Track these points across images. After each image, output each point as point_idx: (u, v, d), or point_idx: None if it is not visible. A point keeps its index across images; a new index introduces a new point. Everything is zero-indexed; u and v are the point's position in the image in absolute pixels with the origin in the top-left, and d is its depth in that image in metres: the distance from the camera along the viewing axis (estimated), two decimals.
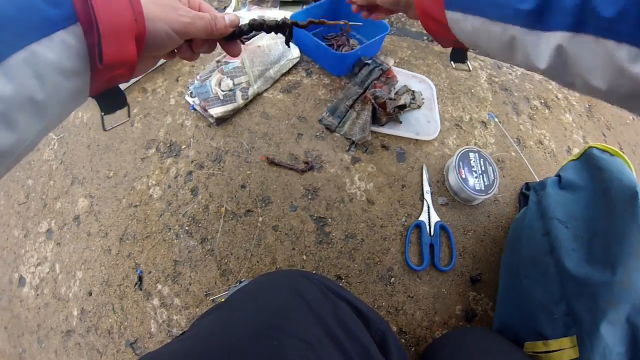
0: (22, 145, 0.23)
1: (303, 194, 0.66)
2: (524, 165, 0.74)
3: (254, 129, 0.72)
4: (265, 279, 0.42)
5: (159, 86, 0.79)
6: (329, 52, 0.74)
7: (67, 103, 0.26)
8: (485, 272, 0.63)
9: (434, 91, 0.80)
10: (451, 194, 0.69)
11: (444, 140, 0.75)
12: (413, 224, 0.64)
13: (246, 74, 0.72)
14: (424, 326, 0.59)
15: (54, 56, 0.23)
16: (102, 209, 0.68)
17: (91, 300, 0.63)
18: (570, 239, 0.49)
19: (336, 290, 0.40)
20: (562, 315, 0.45)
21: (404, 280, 0.61)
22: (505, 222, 0.68)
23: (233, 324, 0.33)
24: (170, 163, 0.70)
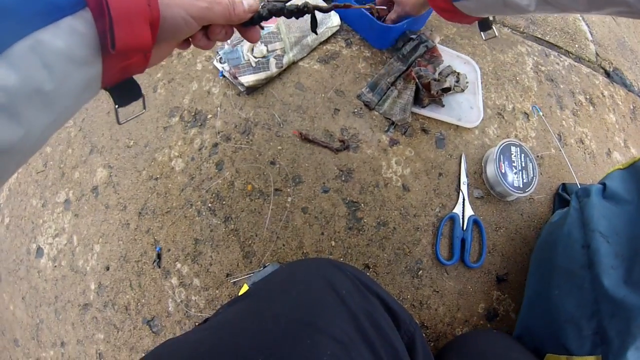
0: (31, 141, 0.22)
1: (337, 174, 0.61)
2: (563, 164, 0.70)
3: (287, 100, 0.66)
4: (296, 268, 0.41)
5: None
6: (374, 22, 0.67)
7: (79, 95, 0.24)
8: (512, 272, 0.61)
9: (478, 75, 0.74)
10: (487, 186, 0.65)
11: (484, 129, 0.70)
12: (447, 216, 0.61)
13: (281, 40, 0.65)
14: (445, 322, 0.57)
15: (63, 44, 0.21)
16: (121, 180, 0.64)
17: (109, 275, 0.60)
18: (611, 255, 0.48)
19: (369, 285, 0.39)
20: (591, 332, 0.45)
21: (431, 273, 0.59)
22: (537, 222, 0.65)
23: (264, 317, 0.32)
24: (194, 133, 0.65)
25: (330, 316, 0.32)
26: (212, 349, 0.28)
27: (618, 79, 0.90)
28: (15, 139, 0.21)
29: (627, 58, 0.95)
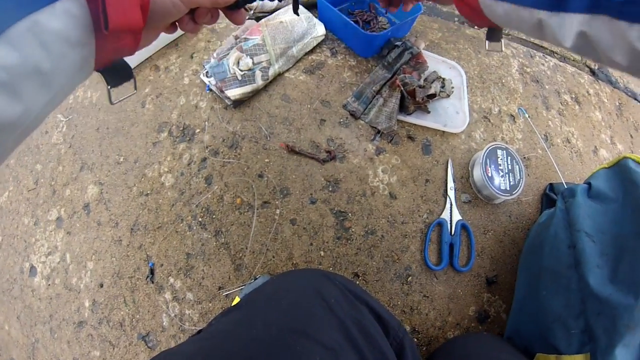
0: (29, 118, 0.23)
1: (324, 185, 0.61)
2: (550, 164, 0.70)
3: (273, 112, 0.66)
4: (286, 278, 0.42)
5: (172, 63, 0.74)
6: (358, 31, 0.67)
7: (73, 74, 0.25)
8: (502, 274, 0.62)
9: (464, 79, 0.75)
10: (474, 190, 0.66)
11: (471, 133, 0.70)
12: (435, 222, 0.62)
13: (267, 52, 0.66)
14: (437, 326, 0.58)
15: (58, 25, 0.22)
16: (112, 197, 0.64)
17: (102, 292, 0.61)
18: (596, 254, 0.48)
19: (357, 294, 0.40)
20: (579, 331, 0.45)
21: (421, 279, 0.59)
22: (526, 223, 0.65)
23: (255, 325, 0.33)
24: (183, 148, 0.65)
25: (319, 324, 0.33)
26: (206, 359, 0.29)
27: (603, 77, 0.90)
28: (15, 115, 0.22)
29: None
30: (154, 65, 0.74)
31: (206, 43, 0.76)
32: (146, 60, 0.74)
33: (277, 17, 0.69)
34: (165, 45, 0.75)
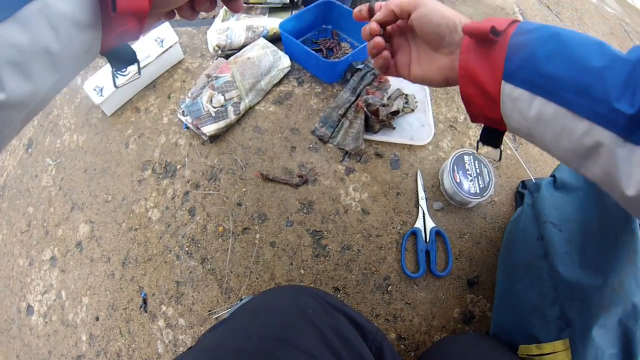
0: (37, 98, 0.24)
1: (298, 208, 0.66)
2: (520, 163, 0.73)
3: (247, 144, 0.72)
4: (267, 295, 0.43)
5: (152, 104, 0.79)
6: (319, 60, 0.73)
7: (80, 57, 0.26)
8: (483, 274, 0.63)
9: (427, 93, 0.79)
10: (446, 197, 0.68)
11: (438, 143, 0.74)
12: (408, 232, 0.64)
13: (237, 88, 0.71)
14: (422, 331, 0.59)
15: (68, 7, 0.23)
16: (103, 234, 0.69)
17: (99, 325, 0.64)
18: (564, 242, 0.49)
19: (335, 304, 0.41)
20: (555, 318, 0.45)
21: (400, 287, 0.61)
22: (502, 222, 0.67)
23: (238, 336, 0.34)
24: (166, 184, 0.70)
25: (298, 332, 0.34)
26: None
27: None
28: (25, 94, 0.22)
29: None
30: (134, 107, 0.79)
31: (181, 83, 0.82)
32: (127, 102, 0.80)
33: (244, 54, 0.75)
34: (144, 88, 0.80)
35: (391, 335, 0.59)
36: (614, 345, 0.40)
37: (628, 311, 0.40)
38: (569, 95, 0.24)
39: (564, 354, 0.43)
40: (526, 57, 0.27)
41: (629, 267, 0.40)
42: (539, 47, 0.26)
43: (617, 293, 0.40)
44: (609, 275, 0.41)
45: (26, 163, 0.80)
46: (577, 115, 0.24)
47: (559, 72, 0.25)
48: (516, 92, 0.27)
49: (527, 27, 0.28)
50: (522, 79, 0.27)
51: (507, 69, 0.27)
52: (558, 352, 0.43)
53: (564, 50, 0.25)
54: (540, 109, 0.26)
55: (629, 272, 0.40)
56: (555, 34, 0.26)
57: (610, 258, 0.42)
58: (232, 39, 0.78)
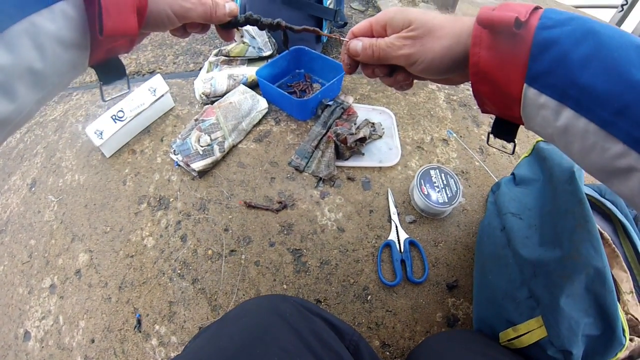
0: (20, 115, 0.24)
1: (279, 230, 0.75)
2: (488, 173, 0.79)
3: (231, 177, 0.82)
4: (247, 302, 0.45)
5: (146, 147, 0.89)
6: (292, 100, 0.84)
7: (66, 73, 0.26)
8: (462, 278, 0.66)
9: (393, 120, 0.87)
10: (418, 211, 0.73)
11: (407, 163, 0.81)
12: (383, 244, 0.69)
13: (221, 129, 0.83)
14: (406, 337, 0.62)
15: (54, 27, 0.22)
16: (101, 261, 0.75)
17: (94, 347, 0.67)
18: (524, 228, 0.52)
19: (311, 309, 0.43)
20: (524, 299, 0.46)
21: (380, 296, 0.65)
22: (475, 228, 0.72)
23: (221, 339, 0.36)
24: (160, 215, 0.79)
25: (275, 332, 0.36)
26: None
27: None
28: (7, 113, 0.22)
29: None
30: (131, 149, 0.89)
31: (172, 127, 0.92)
32: (124, 145, 0.89)
33: (227, 99, 0.87)
34: (139, 132, 0.91)
35: (375, 342, 0.62)
36: (587, 315, 0.39)
37: (592, 276, 0.38)
38: (605, 113, 0.21)
39: (540, 330, 0.43)
40: (556, 58, 0.22)
41: (582, 234, 0.41)
42: (572, 48, 0.22)
43: (576, 260, 0.39)
44: (565, 245, 0.42)
45: (29, 200, 0.86)
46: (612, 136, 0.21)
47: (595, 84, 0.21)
48: (542, 99, 0.24)
49: (555, 16, 0.24)
50: (550, 85, 0.23)
51: (531, 70, 0.24)
52: (533, 330, 0.44)
53: (602, 54, 0.21)
54: (569, 121, 0.23)
55: (584, 239, 0.40)
56: (591, 31, 0.22)
57: (565, 230, 0.43)
58: (216, 87, 0.91)
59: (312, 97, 0.84)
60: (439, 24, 0.29)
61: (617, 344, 0.38)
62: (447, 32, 0.29)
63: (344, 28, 1.10)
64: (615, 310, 0.38)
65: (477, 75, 0.27)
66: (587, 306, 0.39)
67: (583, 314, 0.39)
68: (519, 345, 0.46)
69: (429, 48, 0.30)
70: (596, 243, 0.39)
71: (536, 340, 0.43)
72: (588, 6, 2.19)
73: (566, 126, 0.23)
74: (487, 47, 0.26)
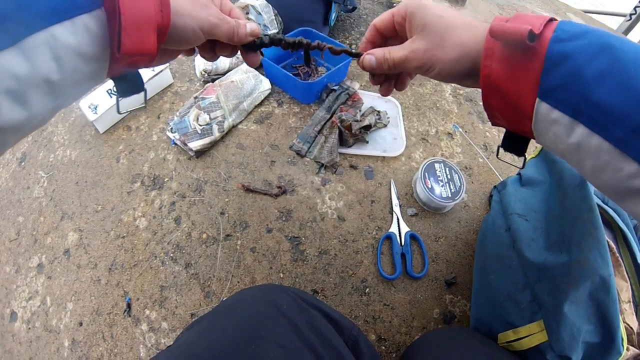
0: (33, 122, 0.24)
1: (277, 216, 0.72)
2: (492, 170, 0.78)
3: (230, 159, 0.78)
4: (244, 293, 0.44)
5: (142, 123, 0.85)
6: (297, 82, 0.81)
7: (83, 85, 0.26)
8: (460, 275, 0.65)
9: (399, 109, 0.86)
10: (420, 204, 0.72)
11: (410, 154, 0.79)
12: (384, 236, 0.68)
13: (221, 108, 0.79)
14: (402, 332, 0.61)
15: (75, 40, 0.22)
16: (91, 241, 0.72)
17: (82, 330, 0.65)
18: (530, 230, 0.51)
19: (309, 300, 0.42)
20: (527, 302, 0.46)
21: (378, 289, 0.64)
22: (476, 225, 0.71)
23: (215, 332, 0.35)
24: (154, 195, 0.75)
25: (272, 326, 0.35)
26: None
27: None
28: (20, 120, 0.22)
29: None
30: (126, 125, 0.85)
31: (170, 104, 0.88)
32: (119, 121, 0.85)
33: (228, 78, 0.83)
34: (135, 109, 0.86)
35: (371, 336, 0.61)
36: (589, 322, 0.39)
37: (597, 284, 0.39)
38: (620, 131, 0.21)
39: (540, 334, 0.43)
40: (570, 74, 0.22)
41: (591, 242, 0.40)
42: (586, 63, 0.22)
43: (583, 267, 0.39)
44: (573, 251, 0.42)
45: (19, 175, 0.83)
46: (626, 155, 0.21)
47: (610, 101, 0.21)
48: (554, 115, 0.23)
49: (570, 29, 0.23)
50: (563, 101, 0.23)
51: (544, 84, 0.23)
52: (534, 333, 0.44)
53: (617, 70, 0.21)
54: (582, 138, 0.22)
55: (592, 247, 0.40)
56: (607, 46, 0.21)
57: (573, 236, 0.43)
58: (218, 64, 0.87)
59: (318, 81, 0.81)
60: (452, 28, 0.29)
61: (615, 353, 0.39)
62: (458, 41, 0.29)
63: (352, 12, 1.06)
64: (617, 319, 0.38)
65: (488, 88, 0.27)
66: (589, 313, 0.40)
67: (585, 321, 0.40)
68: (518, 348, 0.46)
69: (439, 59, 0.30)
70: (604, 251, 0.39)
71: (536, 344, 0.43)
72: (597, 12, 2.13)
73: (579, 143, 0.23)
74: (499, 59, 0.26)
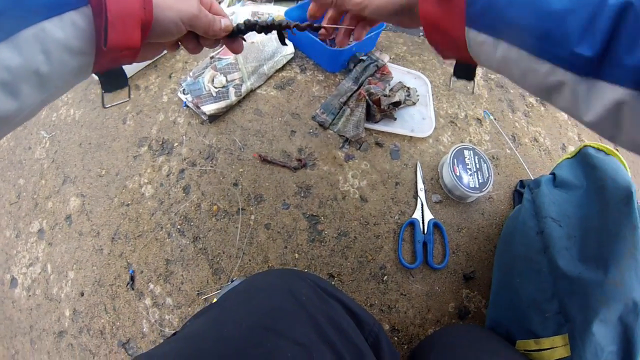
0: (22, 114, 0.25)
1: (296, 191, 0.66)
2: (519, 162, 0.74)
3: (246, 126, 0.71)
4: (258, 278, 0.42)
5: (152, 83, 0.78)
6: (324, 48, 0.73)
7: (70, 78, 0.27)
8: (479, 270, 0.63)
9: (429, 88, 0.80)
10: (445, 191, 0.68)
11: (438, 137, 0.74)
12: (406, 222, 0.64)
13: (239, 70, 0.71)
14: (416, 324, 0.59)
15: (63, 35, 0.24)
16: (94, 208, 0.67)
17: (83, 301, 0.62)
18: (563, 237, 0.49)
19: (329, 291, 0.39)
20: (553, 313, 0.45)
21: (396, 278, 0.61)
22: (499, 219, 0.67)
23: (226, 324, 0.32)
24: (162, 161, 0.69)
25: (289, 320, 0.33)
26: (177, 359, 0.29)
27: None
28: (10, 111, 0.24)
29: None
30: (134, 84, 0.78)
31: (184, 64, 0.81)
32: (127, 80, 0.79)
33: (248, 39, 0.75)
34: (145, 67, 0.80)
35: (385, 326, 0.58)
36: (613, 342, 0.40)
37: (629, 308, 0.39)
38: (531, 40, 0.25)
39: (563, 349, 0.42)
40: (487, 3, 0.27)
41: (629, 262, 0.41)
42: None
43: (618, 288, 0.40)
44: (610, 269, 0.41)
45: (20, 135, 0.78)
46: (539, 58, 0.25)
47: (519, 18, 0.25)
48: (480, 37, 0.28)
49: None
50: (484, 25, 0.28)
51: (469, 15, 0.28)
52: (557, 347, 0.43)
53: None
54: (505, 52, 0.27)
55: (629, 267, 0.40)
56: None
57: (611, 253, 0.42)
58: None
59: (347, 49, 0.75)
60: None
61: None
62: None
63: None
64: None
65: (429, 27, 0.32)
66: (615, 335, 0.40)
67: (610, 342, 0.40)
68: (537, 359, 0.45)
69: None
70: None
71: (557, 358, 0.43)
72: None
73: (504, 57, 0.27)
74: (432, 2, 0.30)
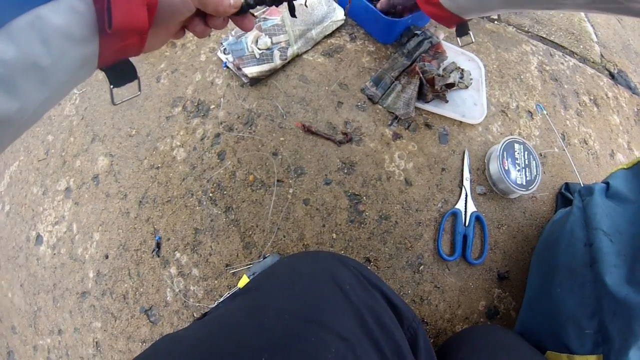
0: (25, 115, 0.23)
1: (339, 167, 0.60)
2: (567, 163, 0.70)
3: (290, 92, 0.66)
4: (298, 261, 0.40)
5: (189, 40, 0.73)
6: (379, 16, 0.66)
7: (74, 72, 0.25)
8: (514, 270, 0.61)
9: (482, 72, 0.74)
10: (490, 183, 0.65)
11: (488, 125, 0.69)
12: (449, 212, 0.61)
13: (286, 32, 0.65)
14: (445, 319, 0.57)
15: (61, 21, 0.22)
16: (122, 169, 0.64)
17: (107, 264, 0.60)
18: (613, 254, 0.47)
19: (371, 279, 0.38)
20: (593, 331, 0.44)
21: (432, 269, 0.58)
22: (540, 220, 0.64)
23: (267, 313, 0.30)
24: (197, 123, 0.64)
25: (333, 312, 0.31)
26: (212, 349, 0.27)
27: (622, 81, 0.89)
28: (11, 111, 0.21)
29: (631, 61, 0.94)
30: (171, 42, 0.73)
31: None
32: None
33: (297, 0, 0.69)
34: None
35: None
36: None
37: None
38: None
39: None
40: None
41: None
42: None
43: None
44: None
45: None
46: None
47: None
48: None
49: None
50: None
51: None
52: None
53: None
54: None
55: None
56: None
57: None
58: None
59: (403, 20, 0.68)
60: None
61: None
62: None
63: None
64: None
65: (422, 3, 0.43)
66: None
67: None
68: None
69: None
70: None
71: None
72: None
73: None
74: None
